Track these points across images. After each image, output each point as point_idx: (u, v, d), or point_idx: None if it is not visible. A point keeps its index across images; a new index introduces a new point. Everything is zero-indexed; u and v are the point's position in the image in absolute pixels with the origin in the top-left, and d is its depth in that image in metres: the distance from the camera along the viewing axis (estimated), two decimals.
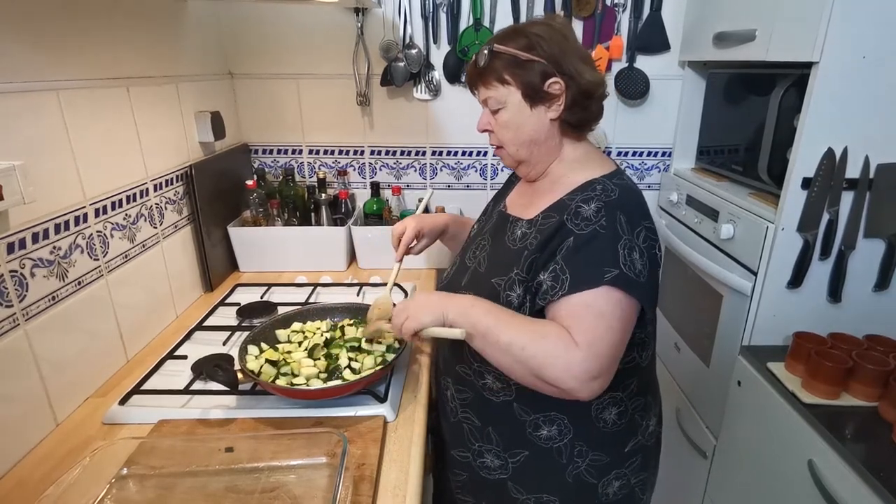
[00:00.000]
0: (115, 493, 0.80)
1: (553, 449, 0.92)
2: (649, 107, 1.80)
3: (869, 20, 1.06)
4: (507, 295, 0.88)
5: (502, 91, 0.90)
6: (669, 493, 1.72)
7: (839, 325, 1.24)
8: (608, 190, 0.86)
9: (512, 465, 0.95)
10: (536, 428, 0.92)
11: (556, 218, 0.87)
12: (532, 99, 0.89)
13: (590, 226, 0.82)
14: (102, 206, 1.10)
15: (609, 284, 0.79)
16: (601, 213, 0.83)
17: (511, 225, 0.96)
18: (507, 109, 0.91)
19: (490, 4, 1.69)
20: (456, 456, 1.03)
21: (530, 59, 0.87)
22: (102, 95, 1.10)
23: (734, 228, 1.37)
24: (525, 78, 0.88)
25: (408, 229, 1.15)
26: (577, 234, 0.83)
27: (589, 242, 0.82)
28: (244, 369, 0.98)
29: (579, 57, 0.89)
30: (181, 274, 1.42)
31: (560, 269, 0.82)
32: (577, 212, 0.84)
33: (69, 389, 1.00)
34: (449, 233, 1.22)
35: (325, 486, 0.82)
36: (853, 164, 1.15)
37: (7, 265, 0.86)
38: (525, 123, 0.91)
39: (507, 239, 0.95)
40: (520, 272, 0.87)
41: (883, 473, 0.90)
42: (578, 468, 0.93)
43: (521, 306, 0.87)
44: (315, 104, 1.82)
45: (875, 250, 1.22)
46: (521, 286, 0.87)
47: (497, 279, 0.91)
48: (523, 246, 0.90)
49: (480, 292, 0.91)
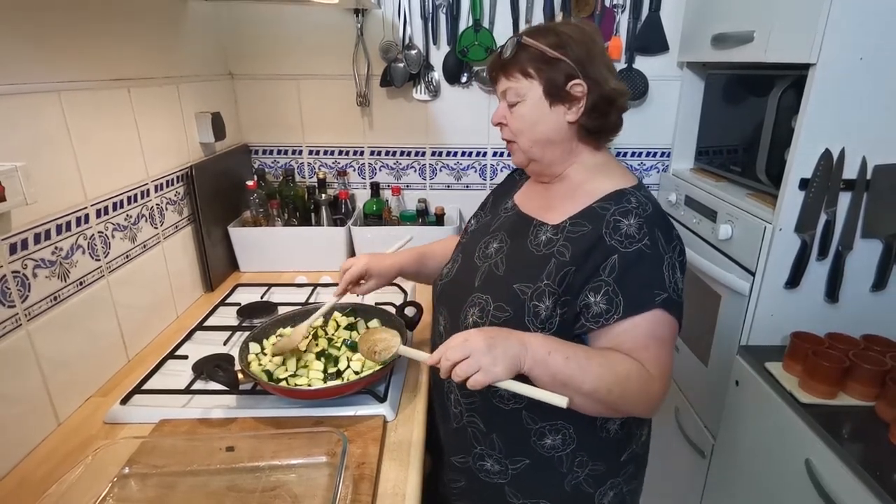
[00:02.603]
0: (117, 492, 0.81)
1: (555, 458, 0.91)
2: (648, 107, 1.80)
3: (866, 22, 1.07)
4: (535, 305, 0.85)
5: (524, 84, 0.89)
6: (668, 492, 1.72)
7: (837, 325, 1.24)
8: (643, 204, 0.85)
9: (512, 471, 0.94)
10: (541, 436, 0.90)
11: (588, 228, 0.85)
12: (552, 97, 0.88)
13: (634, 244, 0.81)
14: (104, 206, 1.10)
15: (659, 308, 0.80)
16: (643, 230, 0.82)
17: (534, 228, 0.93)
18: (525, 103, 0.89)
19: (489, 5, 1.70)
20: (455, 462, 1.01)
21: (557, 58, 0.86)
22: (103, 97, 1.11)
23: (732, 229, 1.37)
24: (549, 74, 0.87)
25: (354, 266, 1.10)
26: (621, 253, 0.81)
27: (637, 263, 0.81)
28: (244, 370, 0.99)
29: (605, 65, 0.89)
30: (182, 274, 1.42)
31: (612, 290, 0.81)
32: (616, 226, 0.83)
33: (71, 389, 1.01)
34: (410, 272, 1.16)
35: (326, 486, 0.83)
36: (851, 165, 1.16)
37: (9, 266, 0.86)
38: (541, 120, 0.89)
39: (530, 243, 0.92)
40: (551, 284, 0.84)
41: (879, 472, 0.90)
42: (578, 478, 0.92)
43: (548, 319, 0.84)
44: (315, 105, 1.82)
45: (872, 251, 1.22)
46: (552, 298, 0.84)
47: (521, 285, 0.87)
48: (550, 253, 0.87)
49: (501, 297, 0.89)
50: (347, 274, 1.10)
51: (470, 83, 1.78)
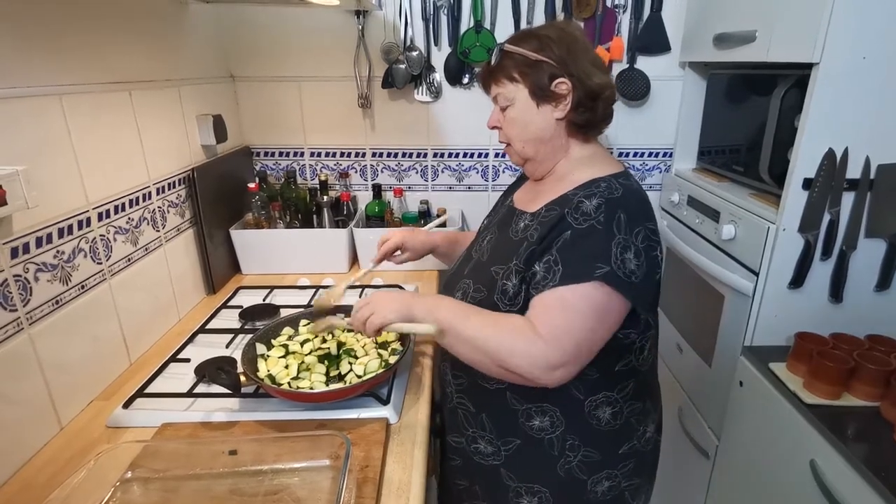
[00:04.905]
0: (120, 496, 0.81)
1: (545, 440, 0.94)
2: (650, 107, 1.80)
3: (869, 21, 1.06)
4: (504, 284, 0.90)
5: (510, 88, 0.94)
6: (672, 493, 1.72)
7: (841, 326, 1.24)
8: (612, 188, 0.87)
9: (504, 452, 0.97)
10: (529, 418, 0.94)
11: (557, 211, 0.89)
12: (539, 97, 0.92)
13: (588, 220, 0.84)
14: (105, 210, 1.10)
15: (598, 280, 0.80)
16: (601, 209, 0.84)
17: (516, 218, 0.98)
18: (515, 107, 0.94)
19: (491, 6, 1.69)
20: (451, 441, 1.07)
21: (539, 60, 0.90)
22: (105, 100, 1.11)
23: (735, 229, 1.37)
24: (533, 77, 0.91)
25: (391, 239, 1.21)
26: (574, 228, 0.84)
27: (584, 237, 0.83)
28: (247, 372, 0.98)
29: (589, 60, 0.92)
30: (184, 277, 1.42)
31: (554, 260, 0.84)
32: (577, 206, 0.86)
33: (73, 393, 1.01)
34: (440, 251, 1.26)
35: (329, 489, 0.82)
36: (854, 165, 1.16)
37: (11, 270, 0.86)
38: (531, 121, 0.94)
39: (511, 231, 0.97)
40: (518, 262, 0.89)
41: (885, 473, 0.90)
42: (570, 463, 0.94)
43: (516, 296, 0.89)
44: (316, 106, 1.82)
45: (876, 250, 1.22)
46: (518, 276, 0.89)
47: (496, 267, 0.93)
48: (524, 237, 0.92)
49: (480, 280, 0.95)
50: (385, 245, 1.21)
51: (471, 84, 1.78)
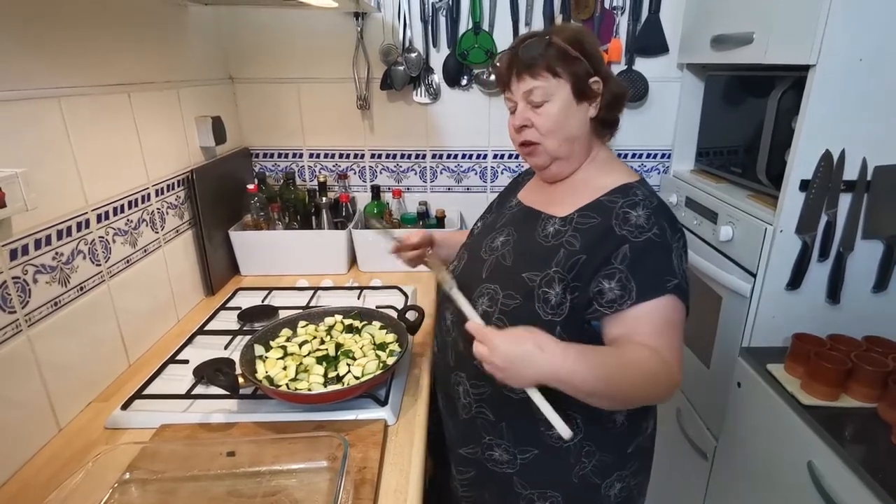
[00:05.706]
0: (118, 497, 0.81)
1: (563, 449, 0.93)
2: (648, 109, 1.80)
3: (865, 23, 1.07)
4: (545, 292, 0.87)
5: (552, 83, 0.90)
6: (670, 494, 1.72)
7: (838, 327, 1.24)
8: (649, 197, 0.89)
9: (521, 460, 0.95)
10: (549, 426, 0.89)
11: (597, 220, 0.88)
12: (579, 95, 0.91)
13: (644, 234, 0.84)
14: (104, 211, 1.10)
15: (671, 293, 0.83)
16: (651, 220, 0.85)
17: (542, 221, 0.95)
18: (555, 102, 0.90)
19: (489, 8, 1.70)
20: (464, 453, 1.02)
21: (577, 56, 0.89)
22: (104, 102, 1.11)
23: (733, 230, 1.37)
24: (575, 72, 0.90)
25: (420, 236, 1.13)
26: (632, 242, 0.84)
27: (647, 251, 0.84)
28: (245, 374, 0.99)
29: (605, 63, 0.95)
30: (182, 278, 1.42)
31: (625, 277, 0.83)
32: (625, 217, 0.86)
33: (71, 394, 1.01)
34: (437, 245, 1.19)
35: (326, 490, 0.83)
36: (851, 166, 1.16)
37: (10, 271, 0.87)
38: (571, 118, 0.92)
39: (538, 234, 0.93)
40: (560, 270, 0.87)
41: (882, 475, 0.90)
42: (585, 468, 0.93)
43: (559, 305, 0.87)
44: (315, 108, 1.82)
45: (873, 251, 1.22)
46: (561, 284, 0.86)
47: (530, 274, 0.89)
48: (559, 243, 0.89)
49: (510, 286, 0.91)
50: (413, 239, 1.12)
51: (470, 86, 1.79)
